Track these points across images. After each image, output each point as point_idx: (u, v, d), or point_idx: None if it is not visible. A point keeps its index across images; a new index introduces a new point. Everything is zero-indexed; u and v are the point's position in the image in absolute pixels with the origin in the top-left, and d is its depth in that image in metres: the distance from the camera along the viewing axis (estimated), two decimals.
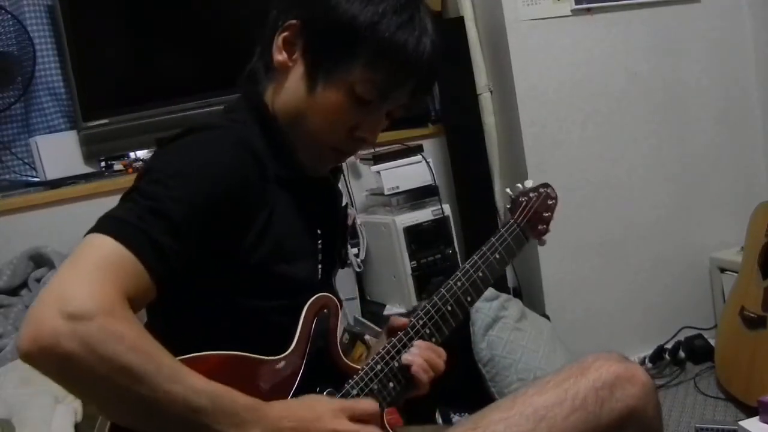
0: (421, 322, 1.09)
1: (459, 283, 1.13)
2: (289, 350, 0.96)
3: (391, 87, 1.00)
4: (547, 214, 1.32)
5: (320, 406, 0.92)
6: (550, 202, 1.33)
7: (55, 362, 0.73)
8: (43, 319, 0.73)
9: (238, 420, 0.82)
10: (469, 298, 1.14)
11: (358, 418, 0.92)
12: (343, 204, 1.18)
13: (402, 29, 0.97)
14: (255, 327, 0.97)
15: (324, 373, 0.99)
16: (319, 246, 1.07)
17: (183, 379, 0.79)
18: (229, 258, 0.92)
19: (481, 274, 1.16)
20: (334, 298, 1.05)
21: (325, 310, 1.02)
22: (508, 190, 1.34)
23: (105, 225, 0.82)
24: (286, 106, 1.03)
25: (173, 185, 0.87)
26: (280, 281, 0.98)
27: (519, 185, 1.33)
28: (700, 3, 2.55)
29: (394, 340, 1.06)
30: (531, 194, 1.31)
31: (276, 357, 0.95)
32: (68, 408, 1.53)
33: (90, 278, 0.76)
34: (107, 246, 0.80)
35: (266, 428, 0.85)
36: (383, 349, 1.05)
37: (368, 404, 0.96)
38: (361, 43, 0.97)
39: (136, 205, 0.85)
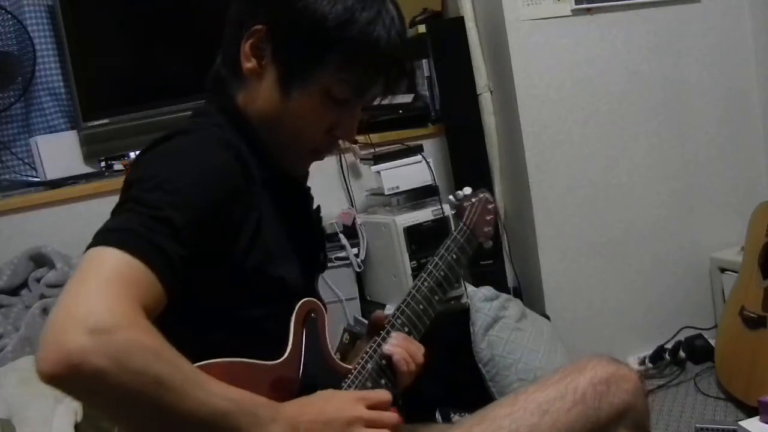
0: (399, 321, 1.12)
1: (426, 284, 1.19)
2: (286, 355, 0.97)
3: (366, 84, 1.00)
4: (489, 217, 1.39)
5: (338, 397, 0.93)
6: (489, 206, 1.40)
7: (84, 380, 0.71)
8: (65, 338, 0.70)
9: (258, 420, 0.82)
10: (436, 297, 1.19)
11: (374, 407, 0.94)
12: (315, 207, 1.18)
13: (372, 24, 0.96)
14: (249, 334, 0.97)
15: (320, 375, 1.00)
16: (301, 249, 1.07)
17: (207, 385, 0.79)
18: (223, 263, 0.92)
19: (442, 273, 1.21)
20: (319, 303, 1.05)
21: (312, 314, 1.03)
22: (450, 196, 1.41)
23: (107, 237, 0.79)
24: (260, 111, 1.01)
25: (171, 191, 0.85)
26: (272, 285, 0.98)
27: (459, 192, 1.41)
28: (700, 3, 2.55)
29: (378, 339, 1.09)
30: (473, 199, 1.38)
31: (275, 362, 0.95)
32: (68, 408, 1.53)
33: (104, 292, 0.74)
34: (114, 258, 0.77)
35: (286, 425, 0.85)
36: (370, 348, 1.08)
37: (383, 394, 0.98)
38: (333, 43, 0.95)
39: (136, 214, 0.82)
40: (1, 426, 1.43)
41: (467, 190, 1.39)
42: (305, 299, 1.02)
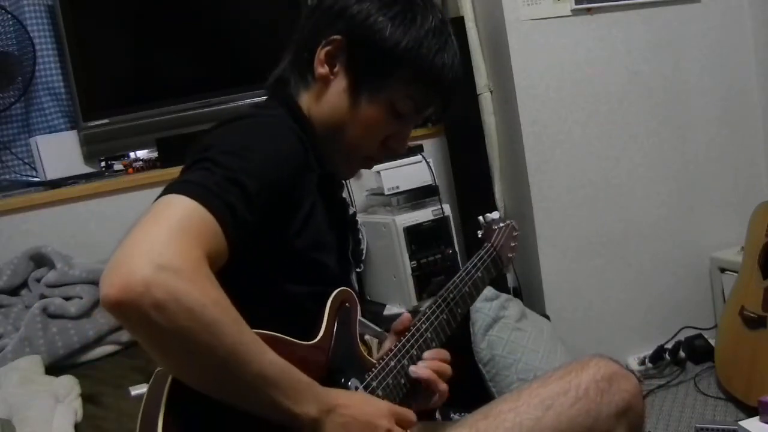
0: (424, 327, 1.15)
1: (451, 296, 1.22)
2: (318, 338, 0.98)
3: (427, 103, 1.10)
4: (513, 244, 1.44)
5: (374, 403, 0.96)
6: (515, 234, 1.45)
7: (142, 311, 0.72)
8: (133, 267, 0.72)
9: (297, 395, 0.84)
10: (459, 310, 1.23)
11: (401, 423, 0.97)
12: (351, 212, 1.23)
13: (440, 53, 1.06)
14: (288, 311, 0.99)
15: (346, 363, 1.02)
16: (339, 247, 1.11)
17: (259, 346, 0.81)
18: (276, 238, 0.95)
19: (467, 290, 1.25)
20: (354, 294, 1.09)
21: (347, 304, 1.06)
22: (480, 218, 1.44)
23: (183, 187, 0.82)
24: (324, 116, 1.08)
25: (246, 159, 0.88)
26: (317, 268, 1.02)
27: (488, 215, 1.45)
28: (700, 3, 2.55)
29: (403, 339, 1.12)
30: (501, 224, 1.43)
31: (306, 343, 0.97)
32: (68, 408, 1.53)
33: (175, 234, 0.77)
34: (188, 206, 0.80)
35: (322, 408, 0.86)
36: (395, 347, 1.10)
37: (410, 414, 1.01)
38: (405, 65, 1.05)
39: (210, 173, 0.85)
40: (1, 426, 1.43)
41: (496, 214, 1.44)
42: (342, 288, 1.06)
